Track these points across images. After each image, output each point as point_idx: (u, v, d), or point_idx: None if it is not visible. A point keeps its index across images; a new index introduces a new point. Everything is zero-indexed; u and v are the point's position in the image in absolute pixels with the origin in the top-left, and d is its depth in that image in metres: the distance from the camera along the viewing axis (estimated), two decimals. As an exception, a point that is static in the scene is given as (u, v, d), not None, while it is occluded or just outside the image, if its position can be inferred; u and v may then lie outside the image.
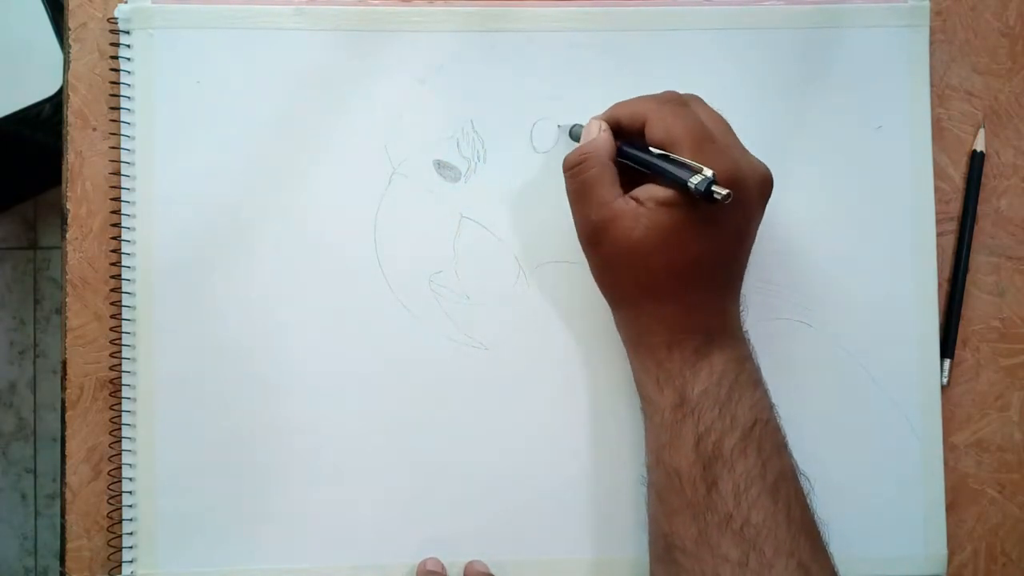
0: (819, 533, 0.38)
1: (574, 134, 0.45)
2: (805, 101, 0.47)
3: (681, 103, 0.39)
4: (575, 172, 0.39)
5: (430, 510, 0.45)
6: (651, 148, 0.38)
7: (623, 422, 0.45)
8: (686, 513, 0.37)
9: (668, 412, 0.38)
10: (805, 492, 0.39)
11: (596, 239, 0.39)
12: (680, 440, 0.37)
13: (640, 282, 0.39)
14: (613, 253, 0.38)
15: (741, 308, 0.41)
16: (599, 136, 0.40)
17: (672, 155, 0.37)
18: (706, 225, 0.37)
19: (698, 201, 0.36)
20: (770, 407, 0.39)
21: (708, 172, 0.35)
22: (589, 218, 0.39)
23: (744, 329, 0.41)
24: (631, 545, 0.45)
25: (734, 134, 0.39)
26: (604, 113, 0.42)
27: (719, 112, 0.40)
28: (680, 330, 0.38)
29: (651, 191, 0.37)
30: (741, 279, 0.41)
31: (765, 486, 0.36)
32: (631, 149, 0.39)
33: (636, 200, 0.38)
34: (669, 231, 0.37)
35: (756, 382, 0.39)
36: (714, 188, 0.35)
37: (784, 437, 0.39)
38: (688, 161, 0.36)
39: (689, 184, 0.35)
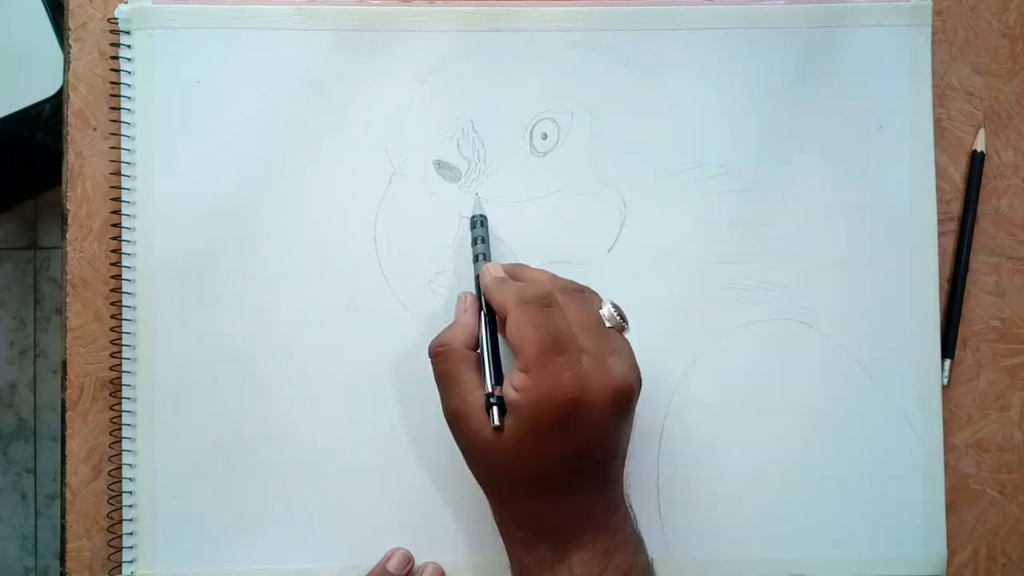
0: None
1: (472, 223, 0.44)
2: (806, 100, 0.47)
3: (544, 304, 0.37)
4: (435, 361, 0.39)
5: (429, 510, 0.45)
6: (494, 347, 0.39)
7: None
8: None
9: None
10: None
11: (453, 428, 0.39)
12: None
13: (492, 478, 0.39)
14: (467, 444, 0.38)
15: (627, 484, 0.40)
16: (459, 321, 0.41)
17: (496, 360, 0.39)
18: (555, 432, 0.36)
19: (534, 408, 0.36)
20: None
21: (497, 392, 0.37)
22: (448, 406, 0.39)
23: (628, 504, 0.39)
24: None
25: (601, 335, 0.37)
26: (486, 278, 0.41)
27: (589, 302, 0.39)
28: (535, 531, 0.38)
29: (505, 390, 0.37)
30: (611, 477, 0.39)
31: None
32: (483, 341, 0.40)
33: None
34: (509, 437, 0.36)
35: (626, 572, 0.37)
36: (492, 411, 0.36)
37: None
38: (502, 376, 0.37)
39: (483, 390, 0.38)
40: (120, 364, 0.45)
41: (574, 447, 0.36)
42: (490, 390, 0.37)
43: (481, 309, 0.41)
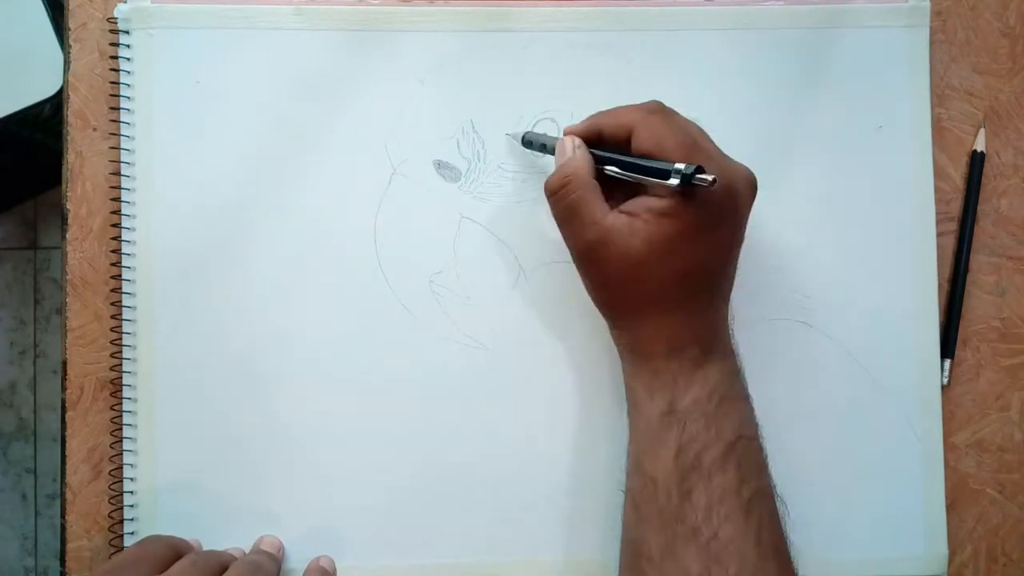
0: (790, 559, 0.38)
1: (527, 141, 0.44)
2: (805, 101, 0.47)
3: (667, 112, 0.39)
4: (559, 196, 0.39)
5: (429, 510, 0.45)
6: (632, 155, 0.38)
7: (624, 422, 0.45)
8: (656, 521, 0.37)
9: (655, 419, 0.38)
10: (781, 516, 0.38)
11: (593, 257, 0.38)
12: (662, 447, 0.37)
13: (641, 294, 0.38)
14: (613, 269, 0.38)
15: (731, 314, 0.41)
16: (576, 154, 0.40)
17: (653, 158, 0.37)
18: (702, 231, 0.37)
19: (691, 207, 0.36)
20: (756, 425, 0.39)
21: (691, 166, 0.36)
22: (583, 238, 0.38)
23: (733, 340, 0.41)
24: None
25: (713, 142, 0.39)
26: (583, 123, 0.41)
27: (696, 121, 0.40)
28: (679, 340, 0.38)
29: (645, 202, 0.37)
30: (732, 284, 0.41)
31: (740, 503, 0.36)
32: (614, 156, 0.39)
33: (629, 214, 0.37)
34: (667, 240, 0.36)
35: (745, 398, 0.39)
36: (698, 176, 0.35)
37: (766, 458, 0.39)
38: (667, 165, 0.36)
39: (675, 171, 0.36)
40: (120, 364, 0.45)
41: (726, 239, 0.38)
42: (682, 165, 0.35)
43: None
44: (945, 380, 0.47)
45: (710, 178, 0.35)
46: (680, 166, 0.36)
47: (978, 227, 0.47)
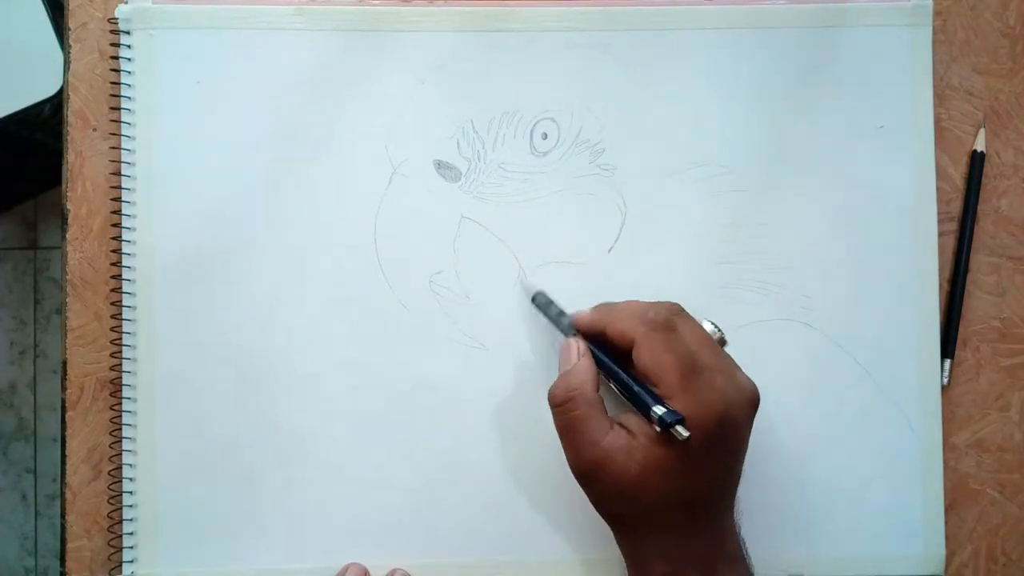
0: None
1: (538, 302, 0.44)
2: (806, 100, 0.47)
3: (669, 328, 0.38)
4: (562, 410, 0.38)
5: (429, 510, 0.45)
6: (629, 373, 0.38)
7: (623, 422, 0.45)
8: None
9: None
10: None
11: (591, 476, 0.38)
12: None
13: (639, 513, 0.38)
14: (610, 488, 0.37)
15: (737, 516, 0.40)
16: (580, 365, 0.39)
17: (647, 388, 0.37)
18: (697, 458, 0.36)
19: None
20: None
21: (661, 410, 0.35)
22: (582, 456, 0.38)
23: (739, 534, 0.40)
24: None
25: (720, 351, 0.39)
26: (589, 316, 0.41)
27: (696, 321, 0.39)
28: (677, 562, 0.38)
29: (643, 425, 0.37)
30: (735, 494, 0.40)
31: None
32: (615, 372, 0.39)
33: (628, 431, 0.37)
34: (664, 466, 0.36)
35: None
36: (677, 428, 0.35)
37: None
38: (652, 400, 0.36)
39: (652, 414, 0.36)
40: (120, 364, 0.45)
41: (724, 464, 0.38)
42: (662, 410, 0.35)
43: (591, 351, 0.40)
44: (945, 380, 0.47)
45: (685, 434, 0.35)
46: (658, 411, 0.35)
47: (978, 227, 0.47)
